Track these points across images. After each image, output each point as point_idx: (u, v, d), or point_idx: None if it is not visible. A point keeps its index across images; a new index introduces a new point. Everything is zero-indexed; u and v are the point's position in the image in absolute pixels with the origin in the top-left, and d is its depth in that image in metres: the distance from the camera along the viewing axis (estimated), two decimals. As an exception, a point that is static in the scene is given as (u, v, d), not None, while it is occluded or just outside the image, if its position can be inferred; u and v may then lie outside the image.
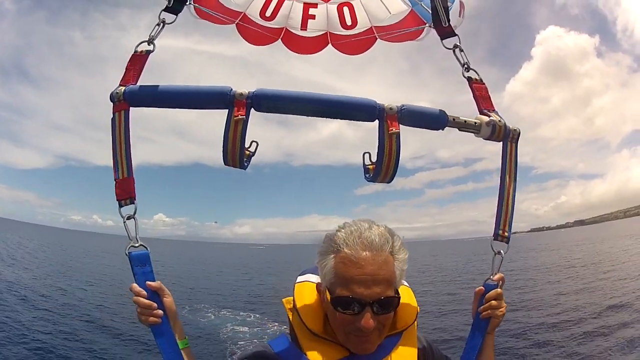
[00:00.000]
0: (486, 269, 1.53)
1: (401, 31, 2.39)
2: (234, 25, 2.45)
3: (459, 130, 1.52)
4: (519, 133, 1.55)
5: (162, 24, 1.61)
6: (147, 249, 1.38)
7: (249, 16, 2.48)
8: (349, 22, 2.46)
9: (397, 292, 1.27)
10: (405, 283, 1.47)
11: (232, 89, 1.34)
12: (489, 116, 1.54)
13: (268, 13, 2.48)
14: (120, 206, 1.37)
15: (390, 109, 1.37)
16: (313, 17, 2.50)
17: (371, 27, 2.45)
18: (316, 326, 1.34)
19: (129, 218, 1.37)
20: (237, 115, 1.31)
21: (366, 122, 1.41)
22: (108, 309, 14.98)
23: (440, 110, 1.47)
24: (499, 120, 1.52)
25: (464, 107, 1.70)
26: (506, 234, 1.51)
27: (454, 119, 1.48)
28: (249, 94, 1.34)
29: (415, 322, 1.43)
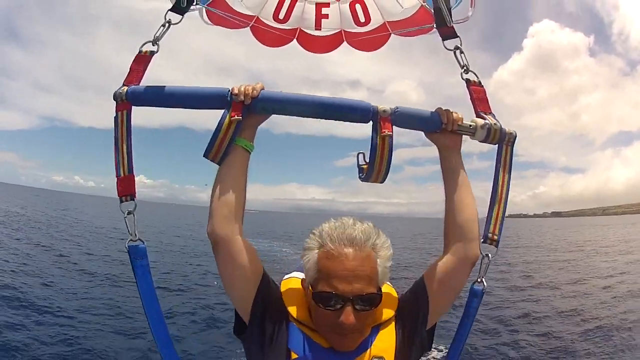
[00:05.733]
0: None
1: (416, 28, 2.39)
2: (248, 28, 2.46)
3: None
4: (515, 136, 1.56)
5: (167, 25, 1.63)
6: (144, 242, 1.48)
7: (262, 19, 2.51)
8: (362, 19, 2.47)
9: (379, 290, 1.31)
10: (388, 283, 1.48)
11: (229, 91, 1.41)
12: (485, 119, 1.55)
13: (281, 15, 2.50)
14: (121, 202, 1.48)
15: (384, 111, 1.42)
16: (326, 16, 2.53)
17: (384, 23, 2.46)
18: (302, 316, 1.38)
19: (129, 213, 1.47)
20: (234, 116, 1.38)
21: (352, 93, 1.45)
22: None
23: (434, 112, 1.50)
24: (495, 124, 1.53)
25: (452, 88, 1.70)
26: (496, 237, 1.51)
27: None
28: None
29: (395, 315, 1.45)
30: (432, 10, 2.39)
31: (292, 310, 1.39)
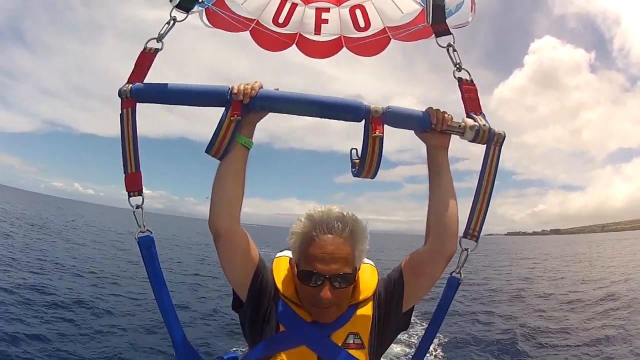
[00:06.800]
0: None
1: (413, 28, 2.38)
2: (248, 32, 2.45)
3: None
4: (504, 137, 1.57)
5: (172, 22, 1.65)
6: (151, 232, 1.59)
7: (262, 23, 2.50)
8: (362, 24, 2.47)
9: (354, 270, 1.46)
10: (370, 262, 1.66)
11: (229, 90, 1.46)
12: (475, 119, 1.57)
13: (281, 19, 2.51)
14: (130, 197, 1.56)
15: (376, 111, 1.47)
16: (326, 21, 2.53)
17: (384, 28, 2.45)
18: (290, 293, 1.52)
19: (137, 207, 1.56)
20: (233, 115, 1.44)
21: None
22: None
23: (425, 112, 1.53)
24: (484, 125, 1.55)
25: (455, 105, 1.79)
26: (476, 233, 1.58)
27: None
28: None
29: (373, 295, 1.56)
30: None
31: (282, 287, 1.53)
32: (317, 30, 2.49)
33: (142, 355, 7.61)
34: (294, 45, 2.51)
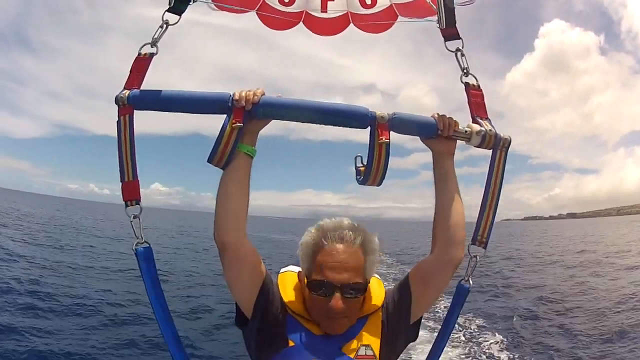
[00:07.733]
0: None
1: (422, 20, 2.34)
2: (254, 12, 2.44)
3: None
4: (510, 142, 1.58)
5: (165, 26, 1.64)
6: (149, 244, 1.55)
7: (267, 2, 2.48)
8: (368, 0, 2.45)
9: (365, 280, 1.45)
10: (375, 275, 1.61)
11: (231, 97, 1.43)
12: (481, 124, 1.58)
13: (287, -3, 2.46)
14: (127, 206, 1.52)
15: (382, 117, 1.45)
16: (332, -2, 2.47)
17: (391, 5, 2.44)
18: (297, 307, 1.51)
19: (134, 217, 1.53)
20: (235, 122, 1.40)
21: (366, 98, 1.44)
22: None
23: (431, 118, 1.53)
24: (490, 130, 1.55)
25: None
26: (484, 239, 1.59)
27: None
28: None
29: (381, 307, 1.57)
30: None
31: (290, 303, 1.52)
32: (324, 8, 2.47)
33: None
34: (301, 23, 2.50)
